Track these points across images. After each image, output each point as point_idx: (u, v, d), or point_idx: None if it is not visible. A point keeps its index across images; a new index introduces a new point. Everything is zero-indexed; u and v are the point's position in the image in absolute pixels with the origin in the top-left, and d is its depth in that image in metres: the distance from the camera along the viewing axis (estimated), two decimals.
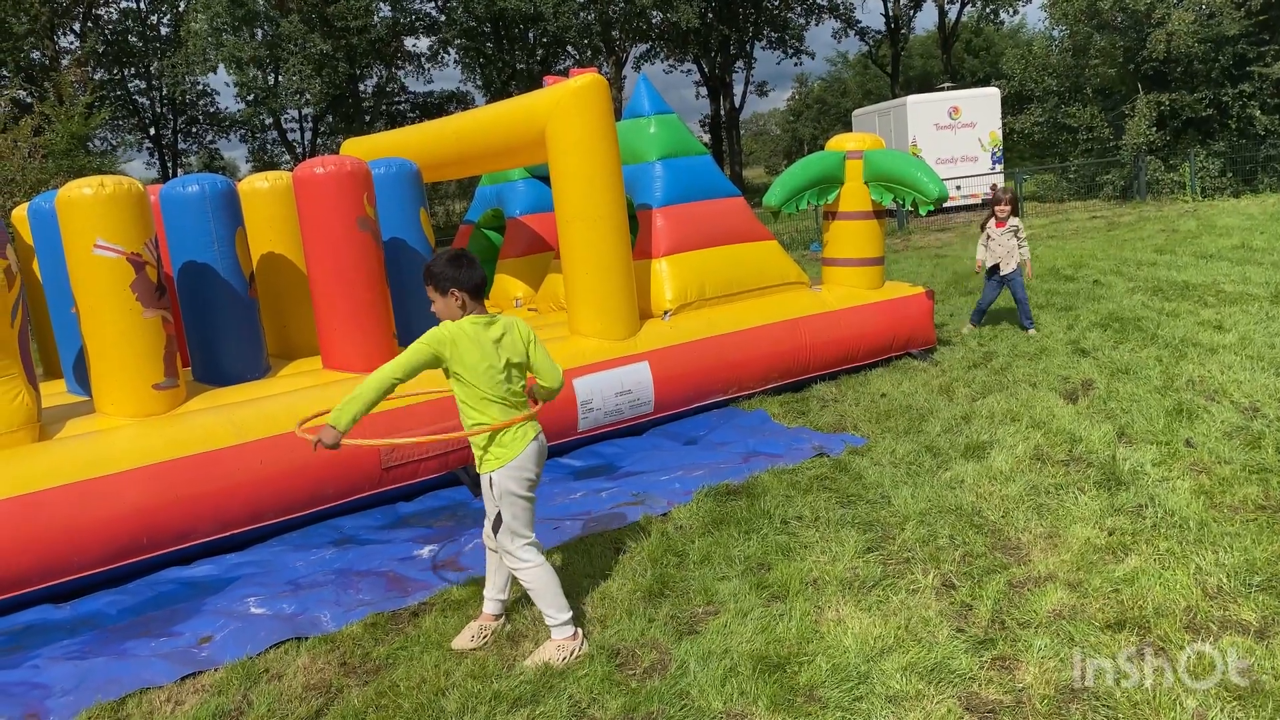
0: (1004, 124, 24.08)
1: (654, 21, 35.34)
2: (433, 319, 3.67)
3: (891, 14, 39.72)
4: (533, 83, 30.14)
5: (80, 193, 4.87)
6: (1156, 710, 3.00)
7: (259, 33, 31.93)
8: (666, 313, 6.86)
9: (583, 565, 4.45)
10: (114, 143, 35.21)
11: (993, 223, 8.65)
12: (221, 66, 32.45)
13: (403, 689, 3.53)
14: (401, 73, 37.07)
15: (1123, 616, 3.54)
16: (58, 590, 4.58)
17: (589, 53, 35.05)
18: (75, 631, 4.25)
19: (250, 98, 33.72)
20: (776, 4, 39.29)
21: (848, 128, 30.44)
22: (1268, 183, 20.02)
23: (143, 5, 36.00)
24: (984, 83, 32.99)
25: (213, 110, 39.40)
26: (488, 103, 30.58)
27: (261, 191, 6.30)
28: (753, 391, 7.01)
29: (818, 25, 41.50)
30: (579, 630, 3.72)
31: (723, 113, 42.11)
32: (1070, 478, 4.95)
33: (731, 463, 5.70)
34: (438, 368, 3.56)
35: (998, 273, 8.68)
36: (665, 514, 5.00)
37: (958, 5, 39.13)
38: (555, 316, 7.26)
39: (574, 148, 6.12)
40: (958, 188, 21.52)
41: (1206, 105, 20.96)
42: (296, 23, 30.08)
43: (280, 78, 32.81)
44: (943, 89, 25.45)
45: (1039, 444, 5.48)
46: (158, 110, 38.08)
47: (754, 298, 7.29)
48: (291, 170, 5.94)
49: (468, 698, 3.42)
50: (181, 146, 39.63)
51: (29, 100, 24.70)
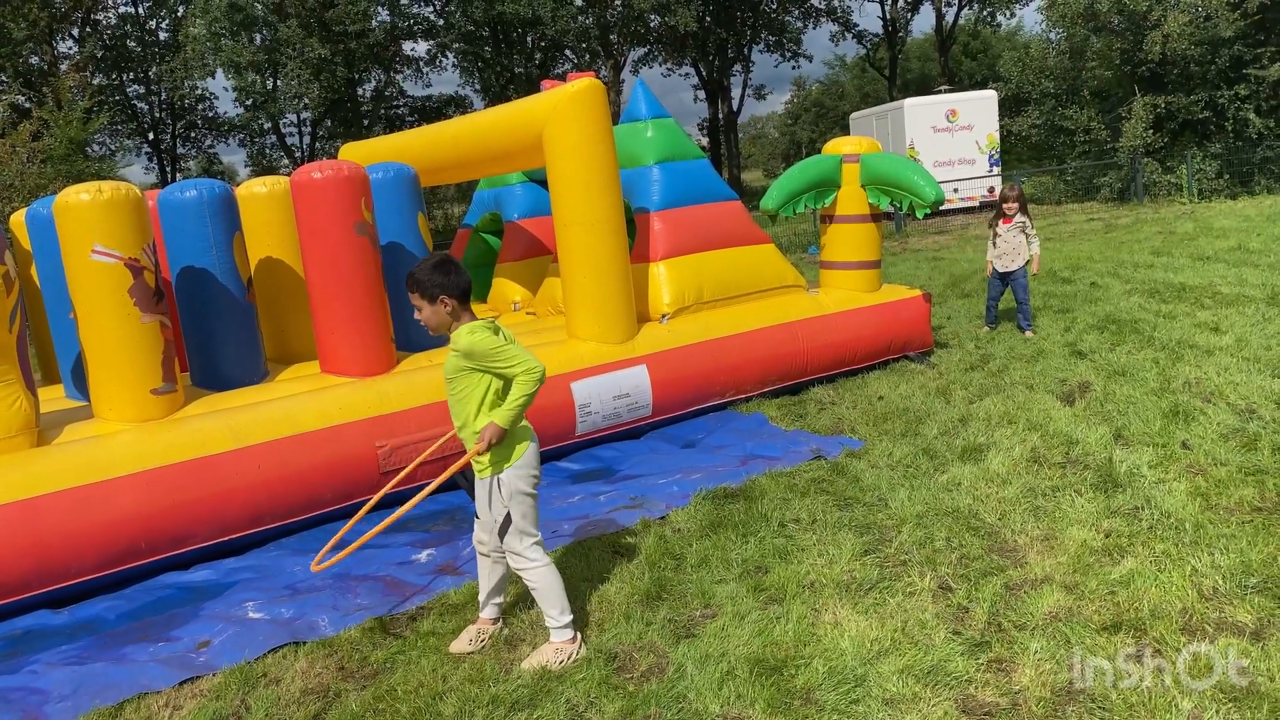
0: (1001, 126, 24.12)
1: (652, 25, 35.39)
2: None
3: (889, 17, 39.77)
4: (531, 86, 30.20)
5: (78, 198, 4.88)
6: (1152, 712, 3.01)
7: (257, 38, 31.96)
8: (664, 316, 6.87)
9: (580, 569, 4.45)
10: (113, 148, 35.23)
11: (1000, 221, 8.69)
12: (220, 71, 32.48)
13: (400, 693, 3.53)
14: (400, 77, 37.12)
15: (1119, 618, 3.55)
16: (56, 595, 4.58)
17: (587, 56, 35.07)
18: (74, 637, 4.25)
19: (249, 102, 33.76)
20: (774, 7, 39.31)
21: (845, 131, 30.48)
22: (1264, 184, 20.05)
23: (141, 10, 36.08)
24: (981, 85, 33.10)
25: (211, 115, 39.43)
26: (486, 107, 30.65)
27: (259, 196, 6.31)
28: (750, 394, 7.03)
29: (815, 28, 41.61)
30: (578, 634, 3.73)
31: (721, 116, 42.13)
32: (1067, 480, 4.96)
33: (729, 466, 5.71)
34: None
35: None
36: (663, 517, 5.01)
37: (955, 8, 39.20)
38: (553, 320, 7.27)
39: (571, 152, 6.13)
40: (955, 190, 21.56)
41: (1203, 107, 21.00)
42: (295, 27, 30.10)
43: (279, 82, 32.83)
44: (940, 92, 25.51)
45: (1036, 446, 5.49)
46: (156, 115, 38.12)
47: (751, 301, 7.30)
48: (290, 175, 5.95)
49: (465, 702, 3.43)
50: (180, 151, 39.67)
51: (28, 105, 24.73)
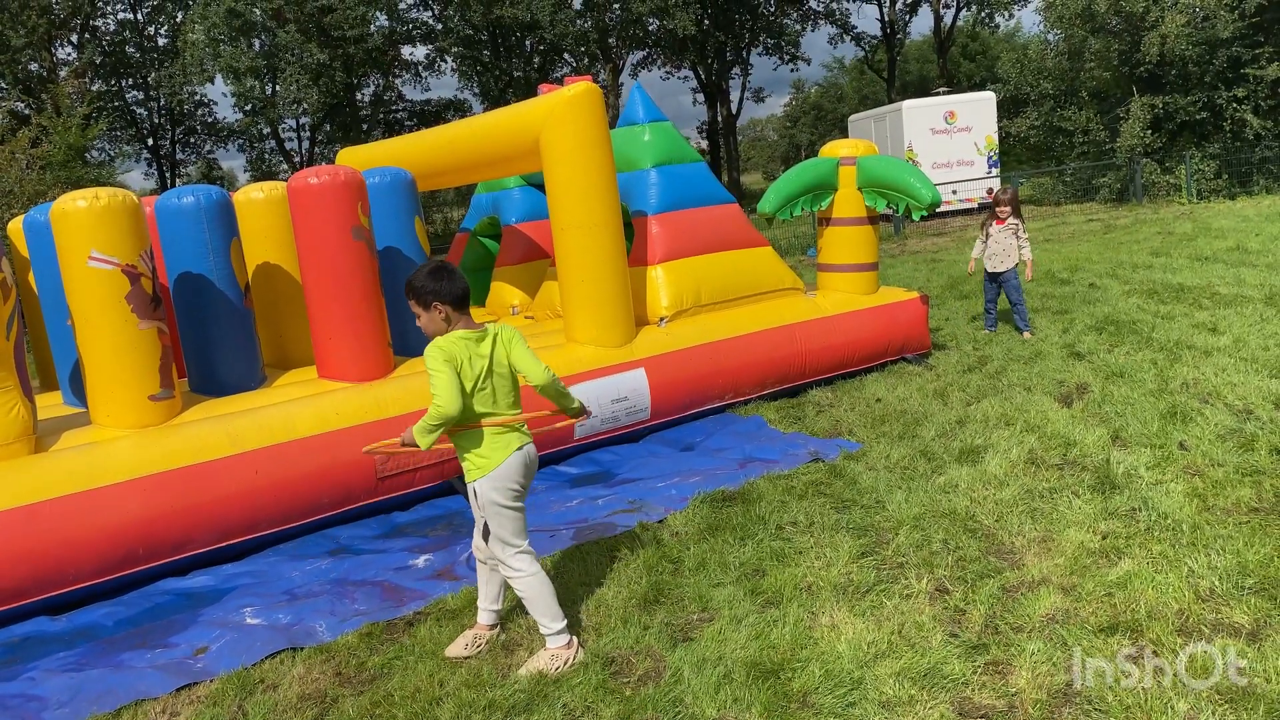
0: (1000, 128, 24.15)
1: (650, 29, 35.43)
2: None
3: (887, 19, 39.81)
4: (530, 90, 30.21)
5: (75, 205, 4.88)
6: (1148, 714, 3.01)
7: (256, 43, 32.01)
8: (662, 319, 6.87)
9: (578, 573, 4.45)
10: (112, 153, 35.32)
11: (993, 222, 8.71)
12: (219, 77, 32.53)
13: (397, 699, 3.53)
14: (399, 81, 37.17)
15: (1115, 620, 3.55)
16: (54, 602, 4.58)
17: (586, 60, 35.10)
18: (71, 643, 4.25)
19: (248, 108, 33.81)
20: (772, 10, 39.36)
21: (844, 133, 30.51)
22: (1263, 184, 20.06)
23: (140, 16, 36.13)
24: (980, 87, 33.10)
25: (210, 120, 39.52)
26: (485, 110, 30.65)
27: (256, 202, 6.32)
28: (749, 397, 7.03)
29: (813, 31, 41.59)
30: (574, 639, 3.72)
31: (720, 119, 42.19)
32: (1064, 481, 4.96)
33: (728, 469, 5.71)
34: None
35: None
36: (661, 521, 5.01)
37: (953, 10, 39.25)
38: (552, 324, 7.28)
39: (568, 156, 6.14)
40: (954, 192, 21.57)
41: (1200, 108, 21.01)
42: (293, 33, 30.16)
43: (278, 87, 32.87)
44: (939, 93, 25.53)
45: (1033, 448, 5.49)
46: (155, 121, 38.20)
47: (749, 304, 7.30)
48: (288, 180, 5.96)
49: (462, 707, 3.43)
50: (180, 157, 39.75)
51: (27, 112, 24.77)
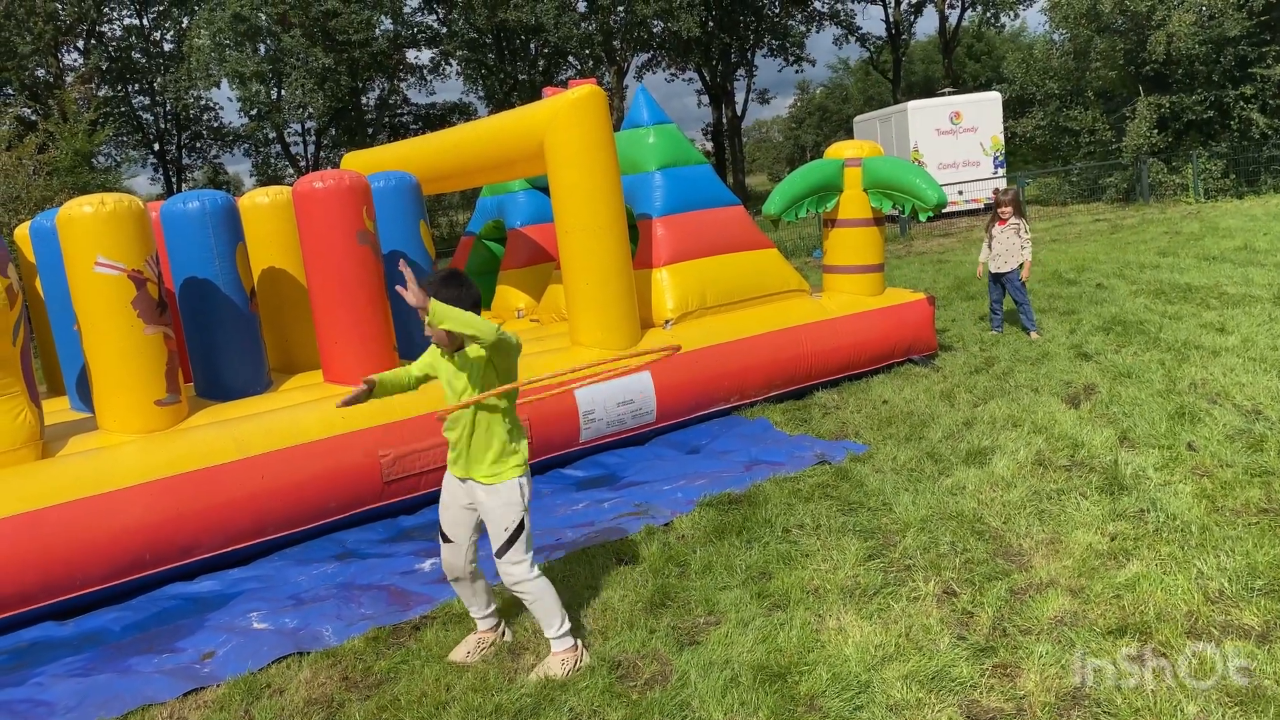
0: (1006, 128, 24.10)
1: (655, 31, 35.42)
2: None
3: (892, 20, 39.74)
4: (535, 93, 30.22)
5: (81, 211, 4.90)
6: (1157, 716, 2.99)
7: (261, 48, 32.08)
8: (668, 322, 6.87)
9: (584, 576, 4.45)
10: (118, 159, 35.35)
11: (996, 223, 8.72)
12: (225, 81, 32.61)
13: (404, 703, 3.53)
14: (404, 85, 37.23)
15: (1124, 622, 3.53)
16: (62, 607, 4.59)
17: (590, 63, 35.11)
18: (79, 648, 4.26)
19: (253, 112, 33.86)
20: (777, 11, 39.33)
21: (850, 134, 30.51)
22: (1271, 183, 19.96)
23: (146, 22, 36.23)
24: (985, 87, 33.01)
25: (216, 125, 39.59)
26: (490, 114, 30.65)
27: (262, 207, 6.33)
28: (755, 399, 7.02)
29: (818, 32, 41.53)
30: (578, 642, 3.71)
31: (724, 120, 42.15)
32: (1072, 483, 4.94)
33: (733, 471, 5.70)
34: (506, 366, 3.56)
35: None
36: (667, 524, 5.00)
37: (958, 10, 39.17)
38: (557, 327, 7.27)
39: (572, 159, 6.14)
40: (960, 192, 21.52)
41: (1207, 107, 20.94)
42: (299, 37, 30.22)
43: (283, 92, 32.96)
44: (944, 94, 25.50)
45: (1041, 449, 5.47)
46: (162, 126, 38.29)
47: (755, 306, 7.29)
48: (294, 184, 5.97)
49: (468, 711, 3.43)
50: (186, 161, 39.83)
51: (34, 118, 24.85)
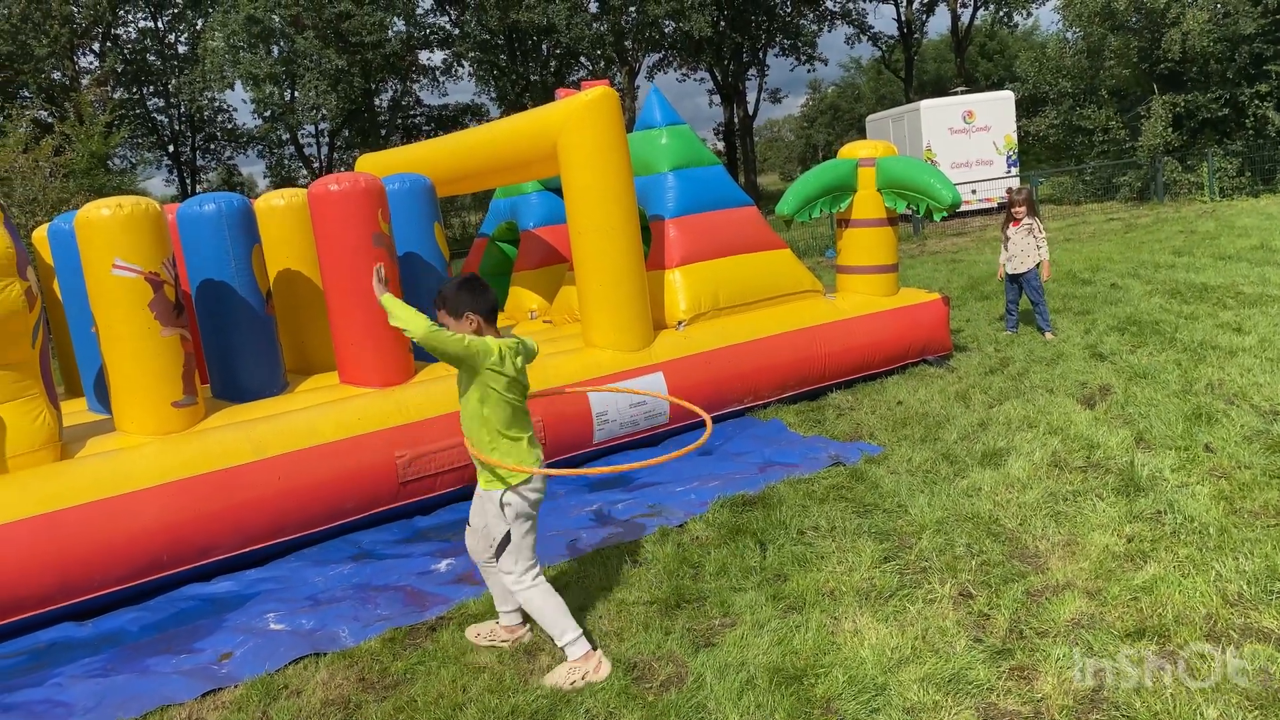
0: (1019, 127, 24.01)
1: (667, 31, 35.43)
2: None
3: (904, 19, 39.64)
4: (547, 94, 30.28)
5: (98, 213, 4.93)
6: (1176, 719, 2.98)
7: (275, 50, 32.25)
8: (681, 323, 6.87)
9: (599, 578, 4.45)
10: (133, 161, 35.62)
11: (1010, 223, 8.68)
12: (239, 83, 32.80)
13: (420, 704, 3.54)
14: (416, 86, 37.37)
15: (1142, 625, 3.51)
16: (80, 608, 4.62)
17: (602, 63, 35.16)
18: (97, 649, 4.29)
19: (267, 114, 34.06)
20: (789, 11, 39.28)
21: (862, 133, 30.41)
22: None
23: (161, 25, 36.48)
24: (998, 86, 32.90)
25: (230, 127, 39.84)
26: (502, 114, 30.73)
27: (277, 209, 6.35)
28: (768, 400, 7.01)
29: (830, 31, 41.46)
30: (591, 650, 3.65)
31: (736, 120, 42.12)
32: (1088, 484, 4.91)
33: (747, 473, 5.69)
34: (457, 368, 3.57)
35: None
36: (681, 525, 5.00)
37: (971, 9, 39.02)
38: (570, 329, 7.28)
39: (586, 160, 6.14)
40: (973, 192, 21.45)
41: (1222, 105, 20.80)
42: (312, 39, 30.37)
43: (297, 94, 33.12)
44: (957, 93, 25.41)
45: (1056, 450, 5.44)
46: (176, 128, 38.55)
47: (768, 307, 7.28)
48: (308, 185, 6.00)
49: (485, 712, 3.43)
50: (200, 163, 40.09)
51: (50, 120, 25.04)
